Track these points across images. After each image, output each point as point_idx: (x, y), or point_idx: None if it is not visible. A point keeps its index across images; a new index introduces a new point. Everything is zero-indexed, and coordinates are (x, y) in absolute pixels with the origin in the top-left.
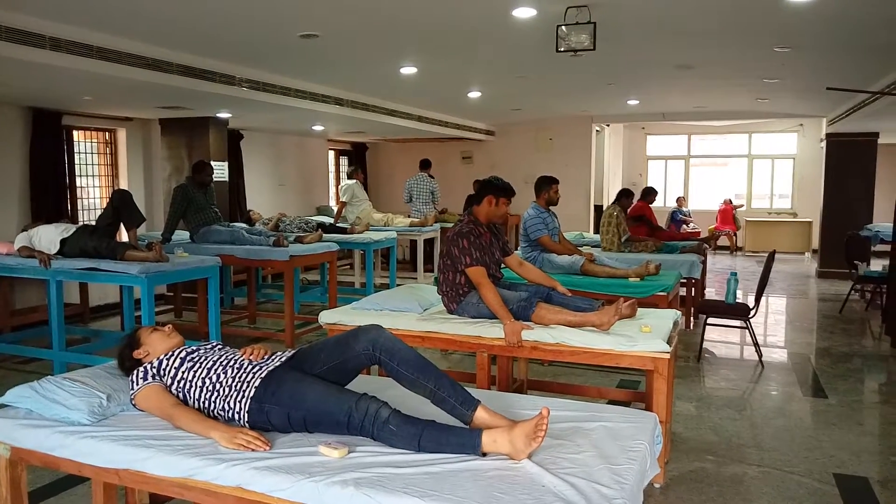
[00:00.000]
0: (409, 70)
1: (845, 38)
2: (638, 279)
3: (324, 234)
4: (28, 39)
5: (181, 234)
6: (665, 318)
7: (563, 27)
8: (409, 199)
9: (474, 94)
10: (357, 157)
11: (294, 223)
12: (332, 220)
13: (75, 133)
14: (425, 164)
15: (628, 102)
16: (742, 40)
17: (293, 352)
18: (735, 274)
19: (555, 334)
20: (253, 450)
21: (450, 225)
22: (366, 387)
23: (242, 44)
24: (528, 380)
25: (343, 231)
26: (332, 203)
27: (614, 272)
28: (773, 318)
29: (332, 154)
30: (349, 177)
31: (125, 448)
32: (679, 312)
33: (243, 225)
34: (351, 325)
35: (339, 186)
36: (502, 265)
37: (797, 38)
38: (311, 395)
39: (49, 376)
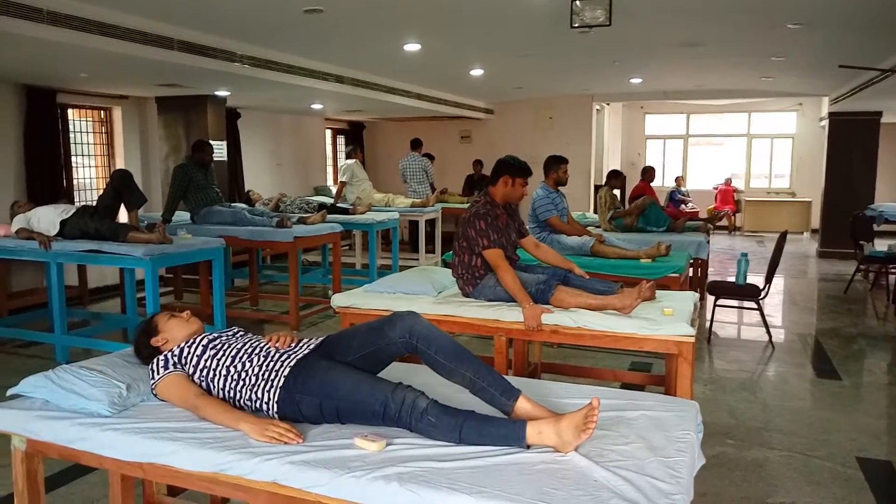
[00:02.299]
0: (412, 47)
1: (859, 13)
2: (649, 260)
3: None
4: (26, 13)
5: (181, 215)
6: (685, 301)
7: (578, 2)
8: (405, 179)
9: (476, 72)
10: (354, 136)
11: (295, 203)
12: (331, 201)
13: (70, 111)
14: (416, 144)
15: (631, 81)
16: (755, 16)
17: (321, 339)
18: (745, 255)
19: (575, 318)
20: (285, 442)
21: (451, 205)
22: (392, 374)
23: (245, 19)
24: (542, 363)
25: (345, 211)
26: (330, 183)
27: (625, 253)
28: (778, 298)
29: (329, 133)
30: (348, 156)
31: (150, 441)
32: (697, 294)
33: (244, 205)
34: (364, 309)
35: (339, 166)
36: (518, 247)
37: (810, 13)
38: (345, 384)
39: (64, 365)
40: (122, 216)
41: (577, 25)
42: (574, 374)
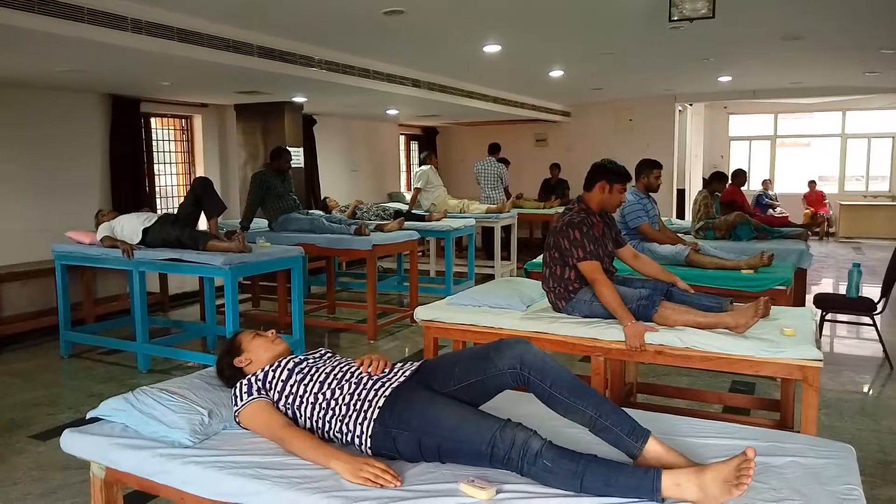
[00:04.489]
0: (492, 48)
1: None
2: (751, 271)
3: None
4: (110, 22)
5: (259, 222)
6: (804, 319)
7: None
8: (479, 182)
9: (556, 73)
10: (428, 141)
11: (371, 210)
12: (406, 207)
13: (153, 120)
14: (494, 149)
15: (719, 79)
16: (874, 2)
17: (417, 364)
18: (858, 265)
19: (683, 337)
20: (381, 485)
21: (527, 211)
22: (491, 402)
23: (324, 23)
24: (637, 383)
25: (420, 218)
26: (404, 189)
27: (724, 263)
28: (888, 310)
29: (402, 139)
30: (422, 162)
31: (234, 478)
32: (816, 311)
33: (321, 213)
34: (449, 323)
35: (414, 172)
36: (615, 258)
37: None
38: (447, 419)
39: (144, 387)
40: (203, 224)
41: (676, 19)
42: (674, 394)
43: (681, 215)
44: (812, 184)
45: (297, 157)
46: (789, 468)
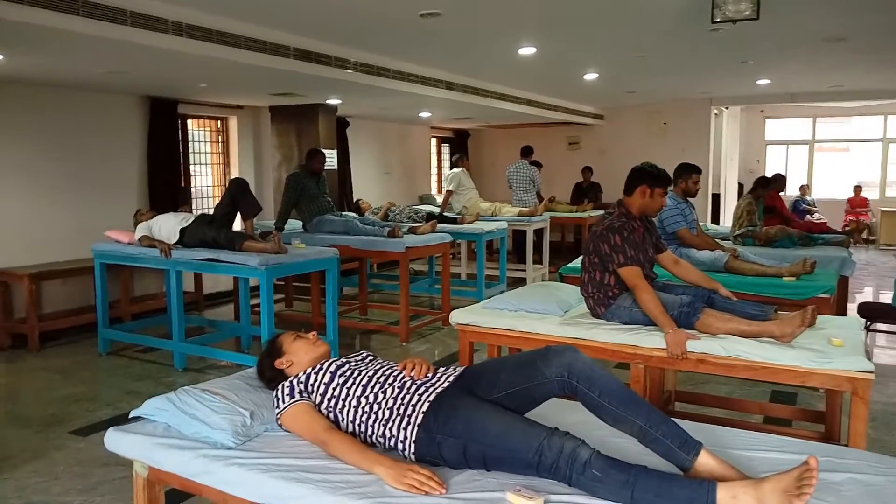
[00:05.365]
0: (527, 50)
1: None
2: (793, 278)
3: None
4: (152, 24)
5: (293, 224)
6: (851, 328)
7: None
8: (510, 186)
9: (590, 76)
10: (459, 144)
11: (403, 213)
12: (437, 209)
13: (189, 122)
14: (526, 152)
15: (757, 83)
16: None
17: (461, 370)
18: None
19: (726, 346)
20: (426, 492)
21: (559, 214)
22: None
23: (360, 25)
24: (676, 391)
25: (453, 221)
26: (435, 191)
27: (764, 270)
28: None
29: (434, 142)
30: (454, 165)
31: (277, 481)
32: (863, 320)
33: (354, 214)
34: (485, 327)
35: (445, 175)
36: (654, 264)
37: None
38: (493, 426)
39: (187, 387)
40: (238, 224)
41: (718, 20)
42: (713, 404)
43: (716, 220)
44: (857, 188)
45: (331, 158)
46: (847, 485)
